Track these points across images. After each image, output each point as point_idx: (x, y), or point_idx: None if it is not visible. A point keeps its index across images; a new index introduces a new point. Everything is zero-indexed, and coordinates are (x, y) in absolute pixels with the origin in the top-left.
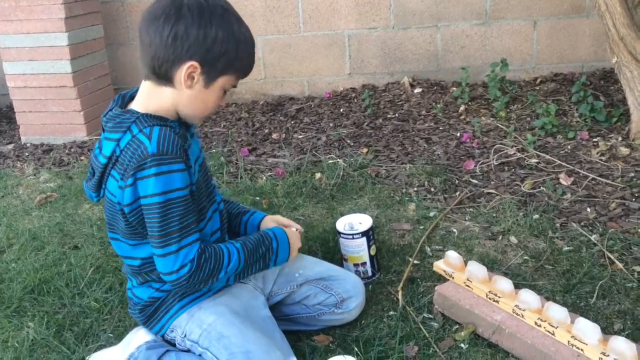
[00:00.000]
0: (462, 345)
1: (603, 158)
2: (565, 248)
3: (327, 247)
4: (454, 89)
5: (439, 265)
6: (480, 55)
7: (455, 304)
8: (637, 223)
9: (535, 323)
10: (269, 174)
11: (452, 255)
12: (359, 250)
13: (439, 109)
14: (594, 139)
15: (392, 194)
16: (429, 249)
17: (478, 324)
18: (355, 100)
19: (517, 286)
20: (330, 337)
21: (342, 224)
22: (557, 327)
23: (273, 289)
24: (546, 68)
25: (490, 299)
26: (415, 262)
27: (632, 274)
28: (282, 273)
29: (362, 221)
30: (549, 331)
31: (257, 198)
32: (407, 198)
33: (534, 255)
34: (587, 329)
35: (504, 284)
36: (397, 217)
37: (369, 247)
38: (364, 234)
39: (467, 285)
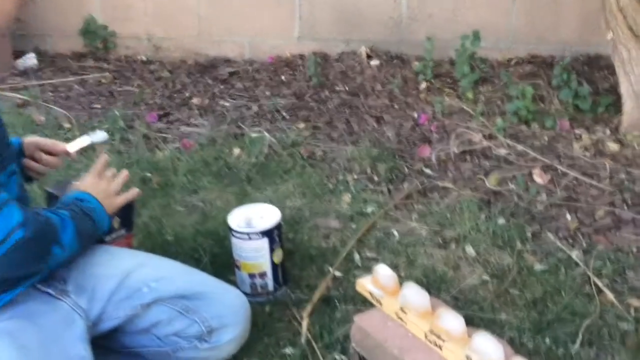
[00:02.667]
0: None
1: (587, 154)
2: (538, 267)
3: (220, 246)
4: (417, 63)
5: (364, 285)
6: (450, 27)
7: (379, 345)
8: (632, 239)
9: None
10: (175, 145)
11: (383, 271)
12: (257, 255)
13: (396, 84)
14: (577, 131)
15: (324, 181)
16: (358, 256)
17: None
18: (302, 68)
19: (471, 321)
20: None
21: (236, 218)
22: None
23: (107, 309)
24: (523, 48)
25: (430, 341)
26: (337, 274)
27: (628, 311)
28: (123, 285)
29: (265, 215)
30: None
31: (149, 174)
32: (342, 187)
33: (496, 275)
34: None
35: (452, 321)
36: (325, 211)
37: (272, 252)
38: (266, 233)
39: (400, 318)
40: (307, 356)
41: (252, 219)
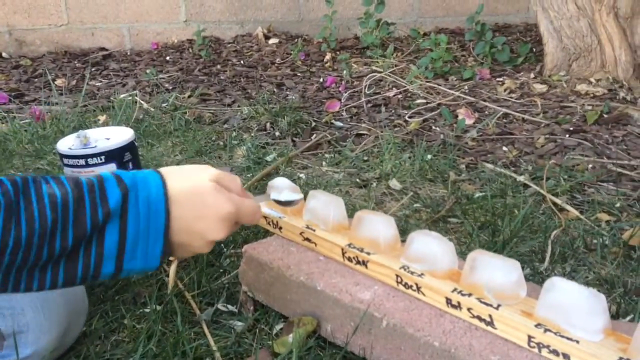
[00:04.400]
0: None
1: (514, 95)
2: (480, 194)
3: None
4: (320, 40)
5: None
6: (351, 4)
7: (279, 277)
8: (584, 159)
9: (449, 302)
10: (26, 121)
11: (281, 183)
12: None
13: (296, 53)
14: (498, 79)
15: (214, 139)
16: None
17: (324, 315)
18: (190, 50)
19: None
20: None
21: (69, 141)
22: (499, 306)
23: None
24: (430, 22)
25: (351, 259)
26: None
27: (599, 225)
28: None
29: (113, 135)
30: (481, 318)
31: None
32: (236, 142)
33: (430, 205)
34: (574, 307)
35: (379, 226)
36: (212, 164)
37: None
38: (112, 155)
39: (307, 239)
40: (175, 312)
41: (92, 139)
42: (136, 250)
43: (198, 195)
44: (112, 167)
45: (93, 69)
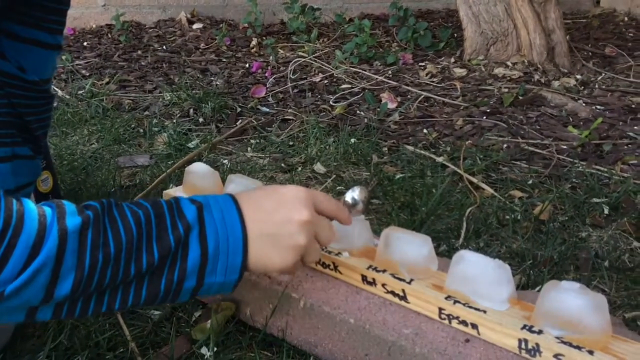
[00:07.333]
0: (205, 351)
1: (435, 79)
2: (400, 175)
3: None
4: (246, 25)
5: (172, 195)
6: None
7: None
8: (499, 139)
9: (364, 279)
10: None
11: (199, 169)
12: None
13: (221, 38)
14: (421, 63)
15: (134, 126)
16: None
17: (243, 299)
18: (109, 35)
19: None
20: None
21: None
22: (412, 280)
23: None
24: (355, 8)
25: None
26: None
27: (512, 201)
28: None
29: None
30: (395, 293)
31: None
32: (157, 129)
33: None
34: (480, 278)
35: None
36: (131, 152)
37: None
38: None
39: None
40: None
41: None
42: (217, 262)
43: (269, 189)
44: None
45: None
